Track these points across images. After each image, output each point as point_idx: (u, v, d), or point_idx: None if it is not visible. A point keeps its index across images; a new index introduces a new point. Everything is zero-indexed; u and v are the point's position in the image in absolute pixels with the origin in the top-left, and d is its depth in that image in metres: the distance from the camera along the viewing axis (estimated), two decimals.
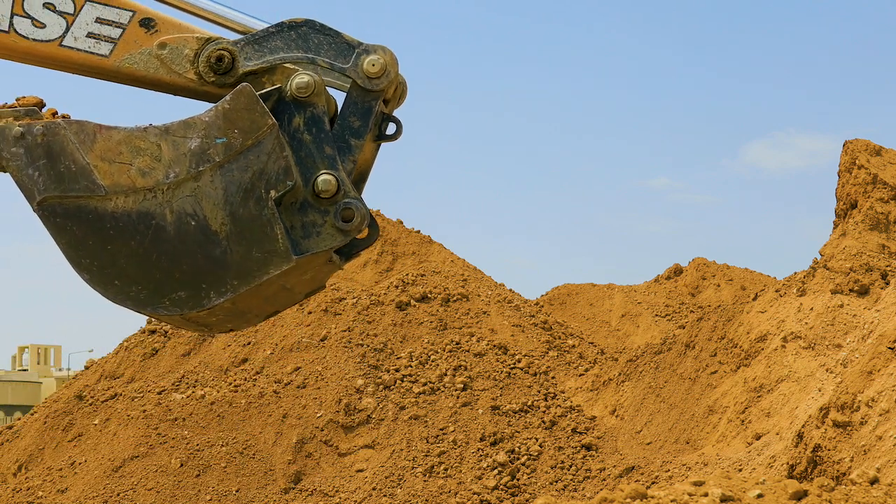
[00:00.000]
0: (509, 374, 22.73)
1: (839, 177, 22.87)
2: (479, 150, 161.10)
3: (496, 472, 20.29)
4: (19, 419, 25.94)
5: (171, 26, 5.14)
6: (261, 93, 4.96)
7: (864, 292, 19.03)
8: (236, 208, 4.92)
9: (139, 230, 4.95)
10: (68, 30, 5.13)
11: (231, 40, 5.11)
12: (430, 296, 24.51)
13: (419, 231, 28.67)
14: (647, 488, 7.02)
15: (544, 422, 21.44)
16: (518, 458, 20.60)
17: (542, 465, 20.48)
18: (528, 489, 19.97)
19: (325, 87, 5.08)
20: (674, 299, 32.57)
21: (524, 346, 23.99)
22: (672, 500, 6.66)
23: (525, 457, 20.61)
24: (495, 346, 23.42)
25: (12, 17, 5.14)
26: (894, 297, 14.79)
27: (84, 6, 5.13)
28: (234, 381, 22.68)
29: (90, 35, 5.13)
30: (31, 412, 24.87)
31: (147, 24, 5.12)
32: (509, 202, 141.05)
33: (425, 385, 22.18)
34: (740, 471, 15.97)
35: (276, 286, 5.06)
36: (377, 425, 21.51)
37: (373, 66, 5.03)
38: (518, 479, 20.19)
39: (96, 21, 5.13)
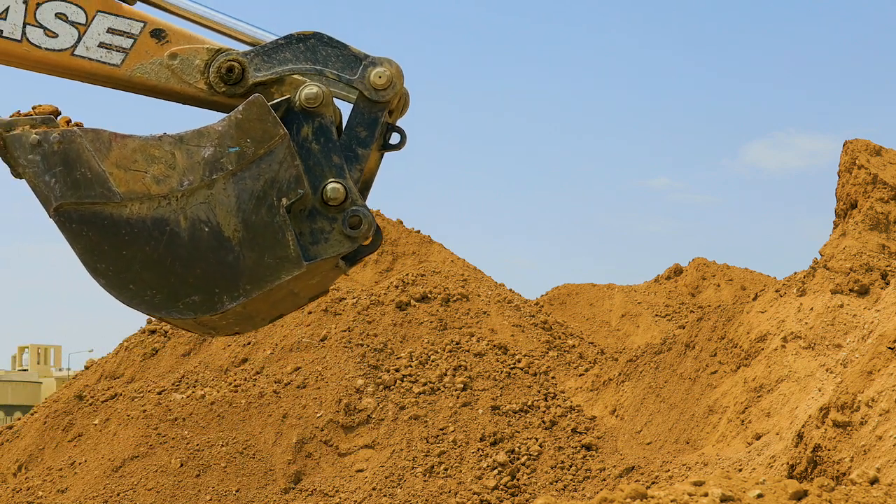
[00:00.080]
0: (509, 374, 22.73)
1: (839, 177, 22.87)
2: (479, 150, 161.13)
3: (496, 472, 20.28)
4: (19, 419, 25.93)
5: (181, 37, 5.23)
6: (271, 103, 5.05)
7: (864, 292, 19.03)
8: (249, 215, 5.02)
9: (154, 236, 5.05)
10: (80, 39, 5.21)
11: (240, 51, 5.21)
12: (430, 296, 24.51)
13: (419, 231, 28.67)
14: (647, 488, 7.03)
15: (544, 422, 21.44)
16: (518, 458, 20.59)
17: (542, 465, 20.47)
18: (528, 489, 19.96)
19: (333, 98, 5.17)
20: (674, 299, 32.57)
21: (524, 346, 23.98)
22: (672, 500, 6.66)
23: (525, 457, 20.61)
24: (495, 346, 23.42)
25: (25, 27, 5.20)
26: (894, 297, 14.79)
27: (96, 17, 5.20)
28: (234, 381, 22.68)
29: (102, 45, 5.21)
30: (31, 412, 24.87)
31: (158, 34, 5.21)
32: (509, 202, 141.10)
33: (425, 385, 22.18)
34: (740, 471, 15.96)
35: (285, 291, 5.16)
36: (377, 425, 21.51)
37: (379, 78, 5.13)
38: (518, 479, 20.18)
39: (108, 31, 5.21)
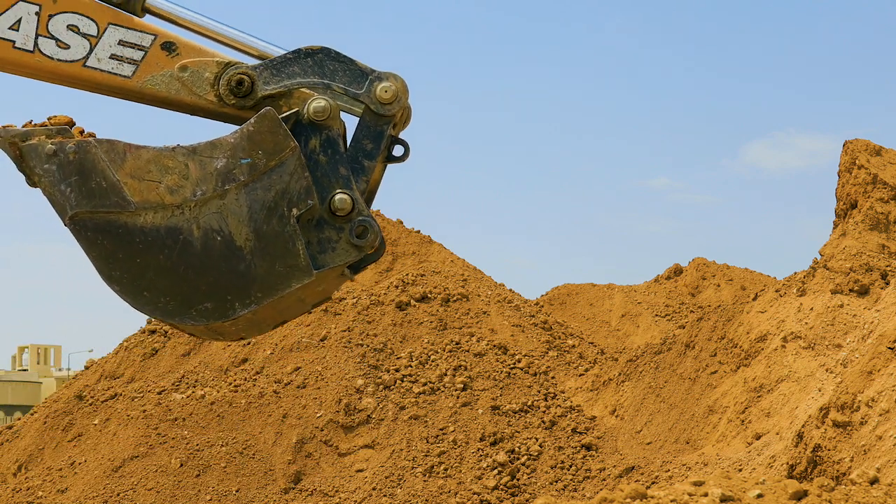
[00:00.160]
0: (509, 374, 22.73)
1: (839, 177, 22.86)
2: (479, 150, 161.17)
3: (496, 472, 20.28)
4: (19, 419, 25.93)
5: (191, 50, 5.33)
6: (281, 116, 5.15)
7: (864, 292, 19.03)
8: (260, 225, 5.12)
9: (167, 244, 5.14)
10: (92, 51, 5.31)
11: (250, 65, 5.31)
12: (430, 296, 24.51)
13: (419, 231, 28.66)
14: (647, 488, 7.03)
15: (544, 422, 21.43)
16: (518, 458, 20.59)
17: (542, 465, 20.47)
18: (528, 489, 19.96)
19: (340, 112, 5.28)
20: (674, 299, 32.57)
21: (524, 346, 23.98)
22: (672, 500, 6.66)
23: (525, 457, 20.61)
24: (495, 346, 23.41)
25: (37, 38, 5.29)
26: (894, 297, 14.78)
27: (107, 29, 5.30)
28: (234, 381, 22.68)
29: (113, 57, 5.31)
30: (31, 412, 24.87)
31: (168, 47, 5.31)
32: (509, 202, 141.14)
33: (425, 385, 22.18)
34: (740, 471, 15.96)
35: (293, 298, 5.26)
36: (377, 425, 21.50)
37: (385, 92, 5.25)
38: (518, 479, 20.18)
39: (119, 43, 5.31)
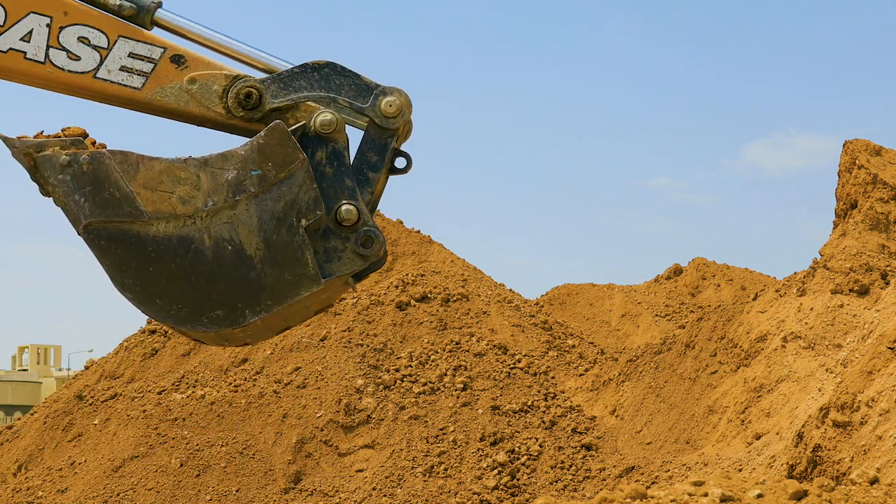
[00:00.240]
0: (509, 374, 22.73)
1: (839, 177, 22.86)
2: (479, 150, 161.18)
3: (496, 472, 20.28)
4: (19, 419, 25.93)
5: (200, 63, 5.46)
6: (289, 129, 5.28)
7: (864, 292, 19.03)
8: (270, 235, 5.26)
9: (179, 253, 5.28)
10: (102, 63, 5.42)
11: (257, 78, 5.44)
12: (430, 296, 24.51)
13: (419, 231, 28.66)
14: (647, 488, 7.03)
15: (544, 422, 21.43)
16: (518, 458, 20.59)
17: (542, 465, 20.47)
18: (528, 489, 19.96)
19: (345, 125, 5.41)
20: (674, 299, 32.57)
21: (524, 346, 23.98)
22: (672, 500, 6.66)
23: (525, 457, 20.60)
24: (495, 346, 23.41)
25: (48, 49, 5.40)
26: (894, 297, 14.78)
27: (117, 41, 5.42)
28: (234, 381, 22.68)
29: (123, 69, 5.42)
30: (31, 412, 24.87)
31: (178, 60, 5.43)
32: (509, 202, 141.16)
33: (425, 385, 22.18)
34: (740, 471, 15.96)
35: (299, 305, 5.39)
36: (377, 425, 21.50)
37: (390, 106, 5.40)
38: (518, 479, 20.18)
39: (129, 56, 5.43)
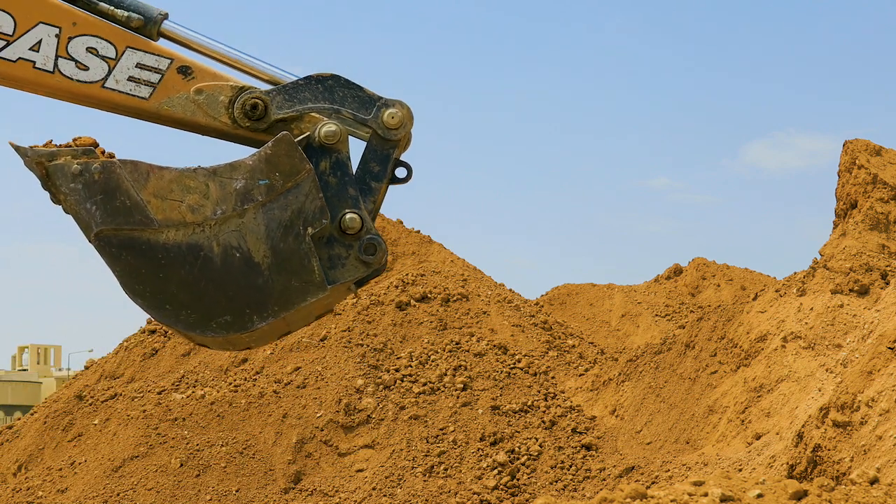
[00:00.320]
0: (509, 374, 22.73)
1: (839, 177, 22.86)
2: (479, 150, 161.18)
3: (496, 472, 20.28)
4: (19, 419, 25.93)
5: (206, 74, 5.58)
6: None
7: (864, 292, 19.03)
8: (277, 243, 5.41)
9: (188, 260, 5.42)
10: (110, 73, 5.53)
11: (263, 90, 5.57)
12: (430, 296, 24.51)
13: (419, 231, 28.66)
14: (647, 488, 7.03)
15: (544, 422, 21.43)
16: (518, 458, 20.59)
17: (542, 465, 20.47)
18: (528, 489, 19.96)
19: (349, 136, 5.54)
20: (674, 299, 32.57)
21: (524, 346, 23.98)
22: (672, 500, 6.66)
23: (525, 457, 20.61)
24: (495, 346, 23.41)
25: (57, 59, 5.50)
26: (894, 297, 14.78)
27: (125, 52, 5.53)
28: (234, 381, 22.69)
29: (131, 79, 5.54)
30: (31, 412, 24.88)
31: (185, 71, 5.55)
32: (509, 202, 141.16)
33: (425, 385, 22.18)
34: (740, 471, 15.96)
35: (304, 311, 5.52)
36: (377, 425, 21.51)
37: (392, 118, 5.55)
38: (518, 479, 20.18)
39: (137, 66, 5.54)
